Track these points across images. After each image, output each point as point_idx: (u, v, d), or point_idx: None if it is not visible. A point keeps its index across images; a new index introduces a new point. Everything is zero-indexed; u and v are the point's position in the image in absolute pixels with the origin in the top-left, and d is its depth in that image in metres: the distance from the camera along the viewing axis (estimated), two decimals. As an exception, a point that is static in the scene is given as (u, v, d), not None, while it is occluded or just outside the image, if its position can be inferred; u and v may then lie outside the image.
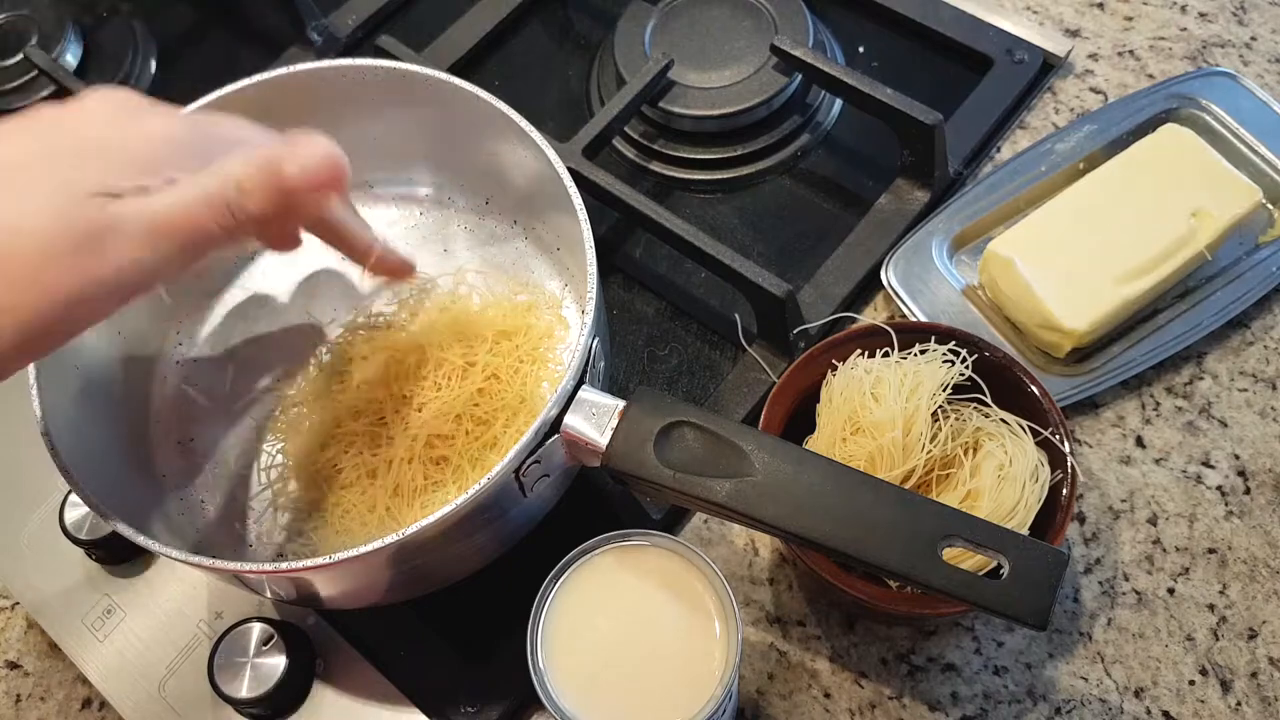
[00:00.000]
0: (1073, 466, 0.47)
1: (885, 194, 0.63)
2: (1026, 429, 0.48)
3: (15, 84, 0.72)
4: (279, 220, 0.39)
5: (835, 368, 0.50)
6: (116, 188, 0.35)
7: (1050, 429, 0.47)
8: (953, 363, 0.49)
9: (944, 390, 0.48)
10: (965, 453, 0.48)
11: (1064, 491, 0.47)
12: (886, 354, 0.50)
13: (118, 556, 0.55)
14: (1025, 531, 0.45)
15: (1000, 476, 0.46)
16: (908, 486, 0.46)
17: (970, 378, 0.49)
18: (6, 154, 0.35)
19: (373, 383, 0.52)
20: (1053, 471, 0.47)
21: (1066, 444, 0.47)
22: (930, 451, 0.46)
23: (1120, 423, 0.56)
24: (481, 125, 0.53)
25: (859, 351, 0.50)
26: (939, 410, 0.48)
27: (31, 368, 0.46)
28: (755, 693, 0.50)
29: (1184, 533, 0.53)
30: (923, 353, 0.49)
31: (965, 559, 0.44)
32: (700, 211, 0.65)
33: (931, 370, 0.48)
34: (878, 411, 0.46)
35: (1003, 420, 0.48)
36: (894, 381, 0.47)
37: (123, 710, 0.52)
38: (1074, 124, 0.63)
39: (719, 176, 0.66)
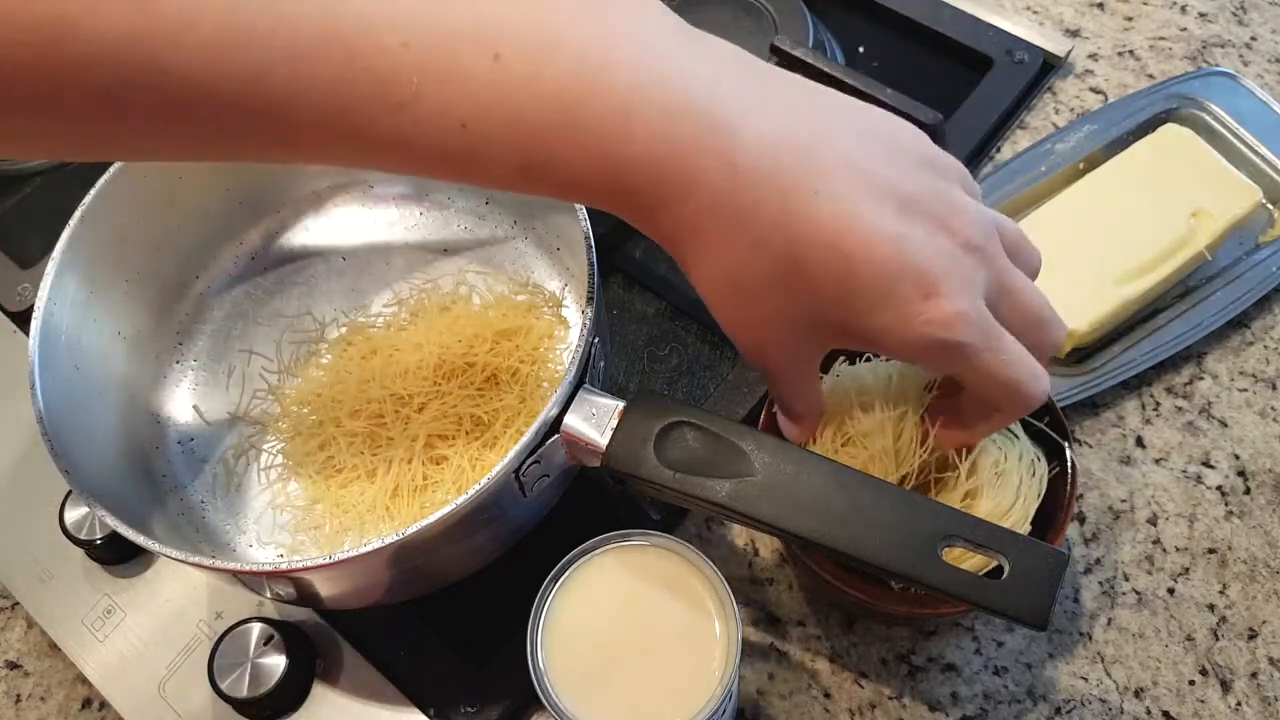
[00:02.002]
0: (1073, 466, 0.46)
1: (885, 194, 0.62)
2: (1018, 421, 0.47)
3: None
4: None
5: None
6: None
7: (1046, 419, 0.47)
8: None
9: (930, 391, 0.47)
10: (960, 453, 0.48)
11: (1064, 491, 0.47)
12: (869, 358, 0.49)
13: (118, 556, 0.55)
14: (1026, 527, 0.45)
15: (997, 473, 0.46)
16: None
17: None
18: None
19: (373, 383, 0.52)
20: (1050, 464, 0.47)
21: (1069, 447, 0.47)
22: (922, 456, 0.45)
23: (1120, 423, 0.56)
24: (481, 125, 0.53)
25: (842, 359, 0.49)
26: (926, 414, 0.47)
27: (34, 368, 0.46)
28: (755, 693, 0.50)
29: (1184, 533, 0.53)
30: None
31: (965, 559, 0.44)
32: (700, 211, 0.65)
33: (914, 372, 0.47)
34: (865, 421, 0.46)
35: None
36: (879, 389, 0.46)
37: (123, 710, 0.52)
38: (1074, 124, 0.63)
39: (719, 176, 0.66)
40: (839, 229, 0.36)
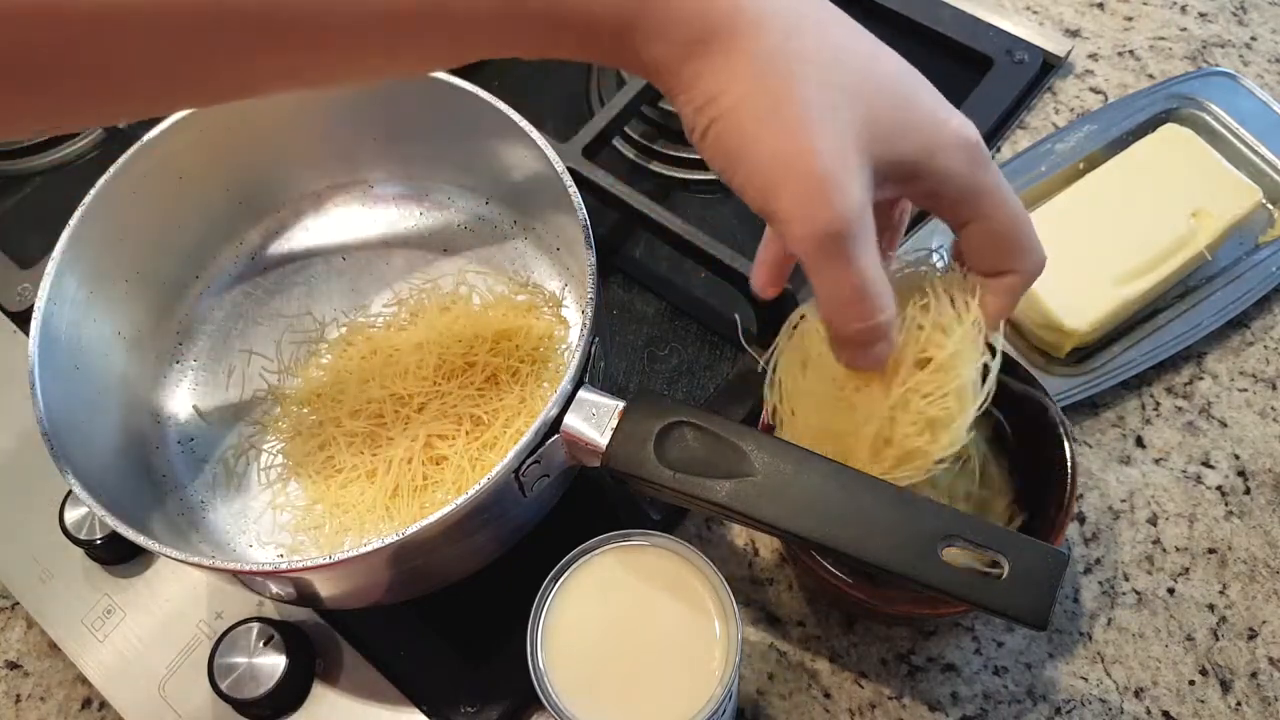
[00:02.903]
0: (1073, 466, 0.46)
1: (885, 194, 0.62)
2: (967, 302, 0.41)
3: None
4: None
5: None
6: None
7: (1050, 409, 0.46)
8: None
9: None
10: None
11: (1064, 491, 0.46)
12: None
13: (118, 556, 0.55)
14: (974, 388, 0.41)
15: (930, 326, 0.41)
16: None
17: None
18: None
19: (373, 383, 0.52)
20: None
21: (1068, 445, 0.47)
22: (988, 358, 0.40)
23: (1120, 423, 0.56)
24: (481, 125, 0.53)
25: (801, 315, 0.44)
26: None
27: (34, 368, 0.46)
28: (755, 693, 0.50)
29: (1184, 533, 0.53)
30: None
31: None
32: (700, 211, 0.65)
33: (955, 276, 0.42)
34: (949, 343, 0.40)
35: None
36: (939, 299, 0.41)
37: (123, 710, 0.52)
38: (1074, 124, 0.63)
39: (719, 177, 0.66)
40: (872, 40, 0.38)
